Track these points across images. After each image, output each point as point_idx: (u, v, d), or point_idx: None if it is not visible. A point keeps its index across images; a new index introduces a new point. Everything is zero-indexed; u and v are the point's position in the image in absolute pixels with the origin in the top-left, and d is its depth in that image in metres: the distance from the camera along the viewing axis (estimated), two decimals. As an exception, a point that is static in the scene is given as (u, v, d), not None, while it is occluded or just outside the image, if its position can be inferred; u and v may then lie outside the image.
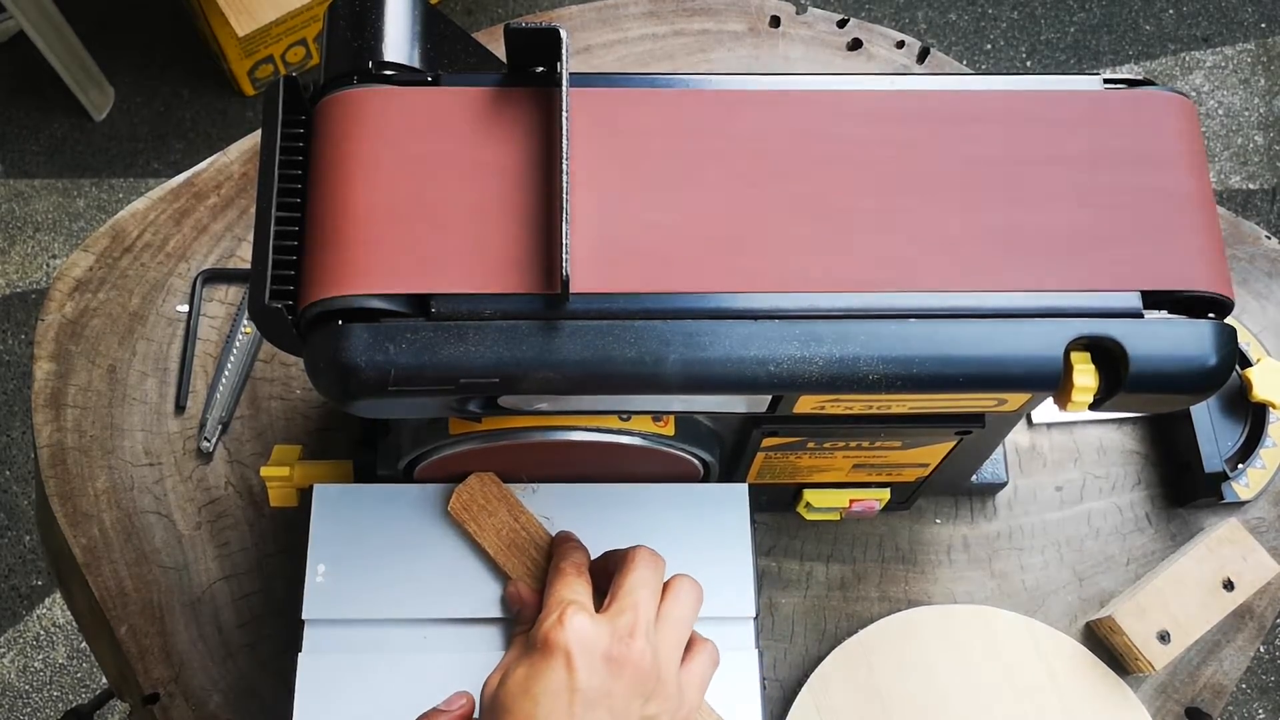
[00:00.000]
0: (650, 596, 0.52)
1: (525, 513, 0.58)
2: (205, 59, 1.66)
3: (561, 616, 0.49)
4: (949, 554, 0.71)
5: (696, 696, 0.53)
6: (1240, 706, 1.42)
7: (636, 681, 0.49)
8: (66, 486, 0.70)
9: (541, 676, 0.48)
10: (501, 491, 0.59)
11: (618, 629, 0.50)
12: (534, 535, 0.58)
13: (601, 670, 0.49)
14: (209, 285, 0.75)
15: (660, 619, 0.52)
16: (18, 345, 1.52)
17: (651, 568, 0.53)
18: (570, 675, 0.48)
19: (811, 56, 0.83)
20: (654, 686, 0.50)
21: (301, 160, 0.49)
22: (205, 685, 0.66)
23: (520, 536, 0.58)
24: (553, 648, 0.49)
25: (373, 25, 0.51)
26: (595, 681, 0.48)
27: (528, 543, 0.58)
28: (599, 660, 0.49)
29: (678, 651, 0.52)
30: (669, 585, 0.54)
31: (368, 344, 0.45)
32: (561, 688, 0.48)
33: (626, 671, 0.49)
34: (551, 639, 0.49)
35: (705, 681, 0.54)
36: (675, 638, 0.52)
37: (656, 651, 0.51)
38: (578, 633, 0.49)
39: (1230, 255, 0.78)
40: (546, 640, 0.49)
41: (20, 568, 1.42)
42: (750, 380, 0.46)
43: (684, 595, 0.53)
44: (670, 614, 0.53)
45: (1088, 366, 0.47)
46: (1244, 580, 0.67)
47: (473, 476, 0.59)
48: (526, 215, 0.47)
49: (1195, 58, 1.72)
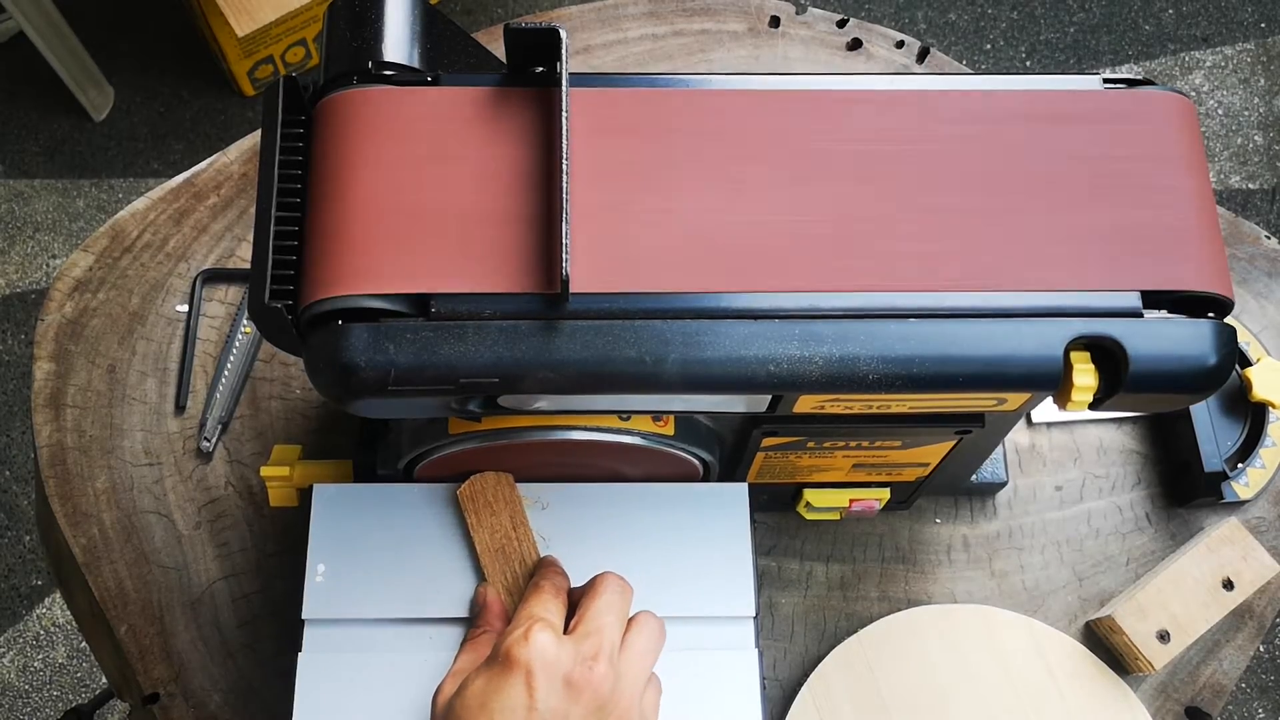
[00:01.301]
0: (616, 623, 0.52)
1: (525, 525, 0.58)
2: (205, 59, 1.66)
3: (528, 632, 0.49)
4: (949, 554, 0.71)
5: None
6: (1240, 706, 1.42)
7: (594, 707, 0.49)
8: (66, 486, 0.70)
9: (500, 692, 0.48)
10: (511, 495, 0.59)
11: (581, 652, 0.49)
12: (524, 549, 0.58)
13: (560, 692, 0.48)
14: (209, 285, 0.75)
15: (625, 647, 0.52)
16: (18, 345, 1.52)
17: (619, 594, 0.53)
18: (529, 695, 0.48)
19: (811, 56, 0.83)
20: (610, 712, 0.50)
21: (301, 160, 0.49)
22: (205, 685, 0.66)
23: (510, 545, 0.58)
24: (514, 664, 0.48)
25: (372, 25, 0.51)
26: (553, 703, 0.48)
27: (515, 555, 0.58)
28: (559, 682, 0.48)
29: (641, 681, 0.52)
30: (635, 619, 0.53)
31: (367, 344, 0.45)
32: (519, 705, 0.47)
33: (585, 696, 0.49)
34: (514, 654, 0.48)
35: (656, 712, 0.53)
36: (639, 669, 0.52)
37: (619, 678, 0.50)
38: (541, 651, 0.48)
39: (1230, 255, 0.78)
40: (509, 655, 0.49)
41: (20, 568, 1.42)
42: (750, 380, 0.46)
43: (649, 629, 0.53)
44: (635, 645, 0.52)
45: (1087, 366, 0.47)
46: (1244, 580, 0.67)
47: (491, 472, 0.59)
48: (526, 215, 0.47)
49: (1195, 58, 1.72)
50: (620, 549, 0.59)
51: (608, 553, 0.59)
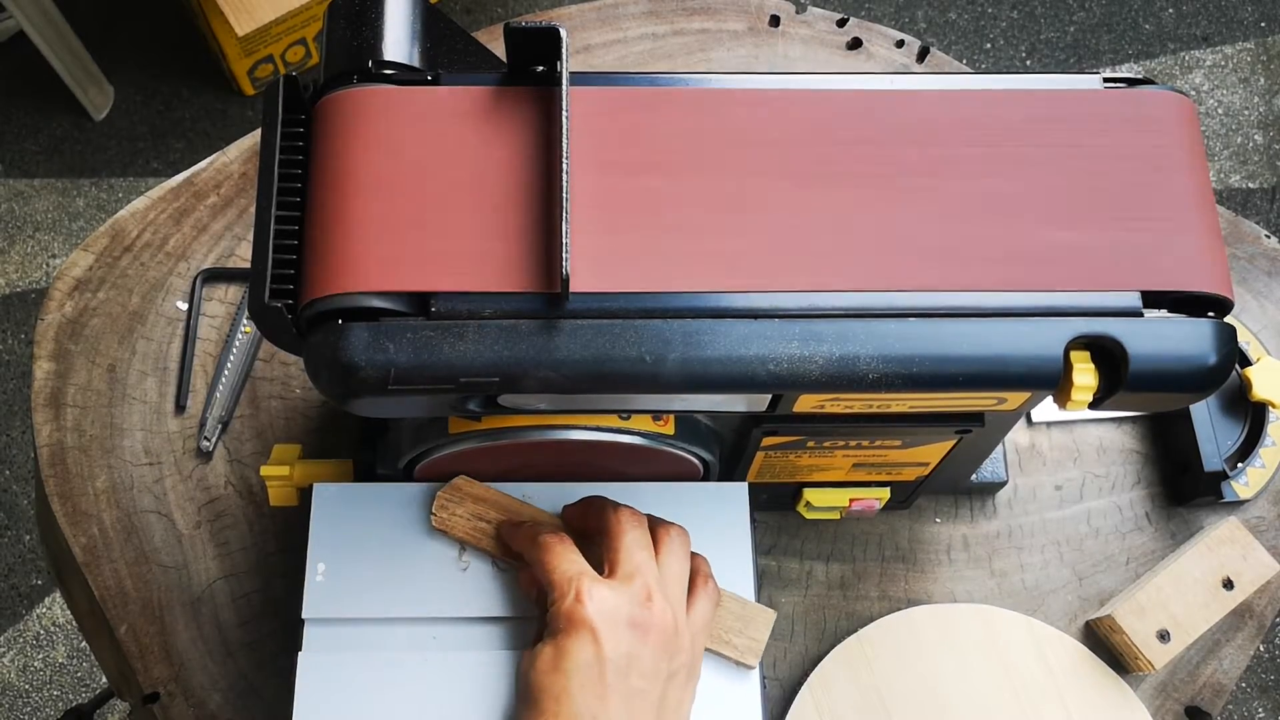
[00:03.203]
0: (649, 557, 0.53)
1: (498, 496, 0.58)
2: (205, 59, 1.66)
3: (579, 593, 0.50)
4: (949, 553, 0.71)
5: (705, 639, 0.55)
6: (1240, 705, 1.42)
7: (662, 642, 0.51)
8: (66, 486, 0.70)
9: (569, 653, 0.49)
10: (477, 492, 0.59)
11: (634, 594, 0.51)
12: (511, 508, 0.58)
13: (628, 637, 0.50)
14: (209, 284, 0.75)
15: (662, 571, 0.53)
16: (18, 345, 1.52)
17: (640, 526, 0.54)
18: (598, 647, 0.49)
19: (811, 56, 0.83)
20: (675, 642, 0.52)
21: (301, 159, 0.49)
22: (205, 685, 0.66)
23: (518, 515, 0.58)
24: (578, 623, 0.50)
25: (372, 25, 0.51)
26: (623, 648, 0.49)
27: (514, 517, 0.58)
28: (624, 628, 0.50)
29: (684, 603, 0.54)
30: (658, 540, 0.55)
31: (367, 343, 0.45)
32: (591, 660, 0.49)
33: (652, 634, 0.50)
34: (575, 616, 0.50)
35: (709, 622, 0.55)
36: (679, 590, 0.54)
37: (672, 605, 0.52)
38: (599, 605, 0.50)
39: (1230, 255, 0.78)
40: (570, 618, 0.50)
41: (20, 567, 1.42)
42: (750, 379, 0.46)
43: (676, 546, 0.55)
44: (669, 568, 0.54)
45: (1087, 365, 0.47)
46: (1244, 579, 0.67)
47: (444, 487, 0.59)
48: (526, 214, 0.47)
49: (1195, 57, 1.72)
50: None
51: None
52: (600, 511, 0.55)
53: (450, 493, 0.58)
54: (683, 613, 0.53)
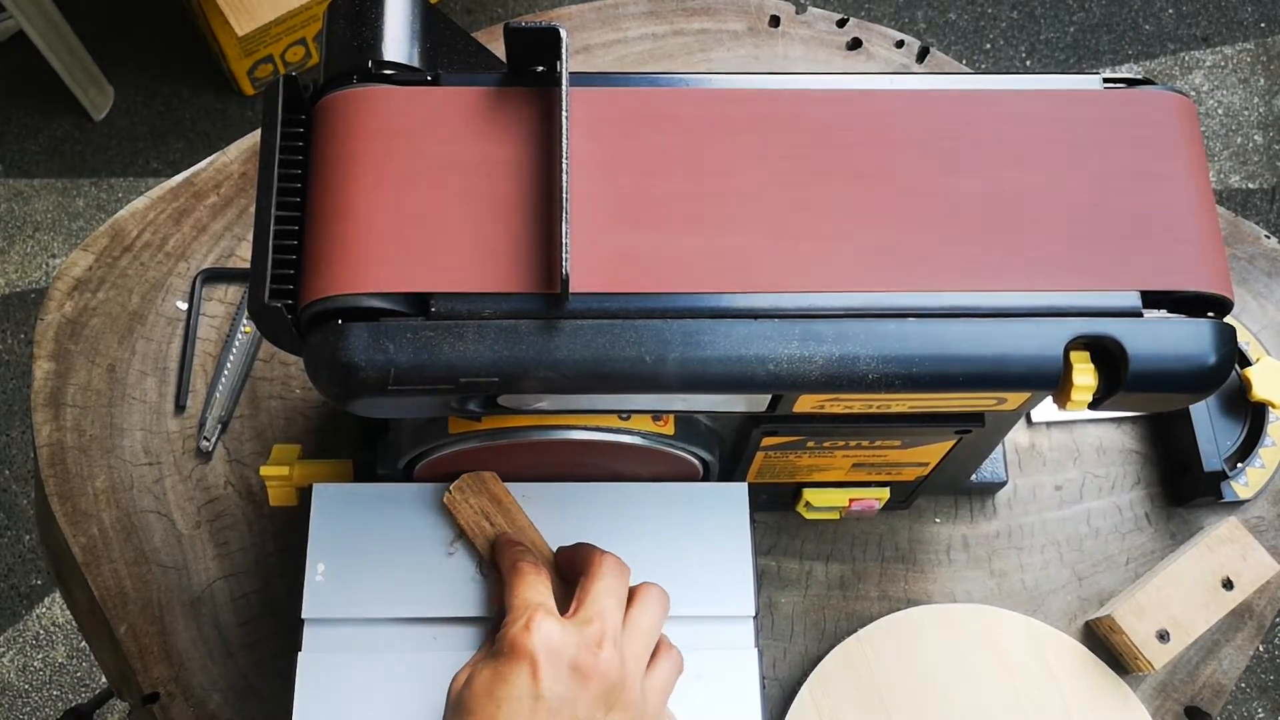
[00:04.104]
0: (617, 605, 0.52)
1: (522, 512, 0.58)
2: (205, 59, 1.66)
3: (530, 621, 0.49)
4: (948, 553, 0.71)
5: (658, 704, 0.53)
6: (1240, 706, 1.42)
7: (602, 691, 0.49)
8: (66, 486, 0.70)
9: (506, 681, 0.48)
10: (497, 489, 0.59)
11: (586, 637, 0.49)
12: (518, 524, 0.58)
13: (567, 679, 0.48)
14: (209, 285, 0.75)
15: (627, 627, 0.52)
16: (17, 345, 1.52)
17: (618, 575, 0.53)
18: (535, 683, 0.48)
19: (811, 56, 0.83)
20: (618, 696, 0.50)
21: (301, 160, 0.49)
22: (205, 685, 0.66)
23: (523, 536, 0.58)
24: (519, 653, 0.48)
25: (372, 25, 0.51)
26: (559, 689, 0.48)
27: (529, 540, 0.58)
28: (565, 668, 0.48)
29: (643, 661, 0.52)
30: (636, 593, 0.53)
31: (367, 343, 0.45)
32: (525, 694, 0.48)
33: (593, 681, 0.49)
34: (519, 643, 0.48)
35: (668, 689, 0.53)
36: (641, 646, 0.52)
37: (624, 661, 0.50)
38: (545, 639, 0.48)
39: (1230, 255, 0.78)
40: (514, 644, 0.49)
41: (20, 567, 1.42)
42: (750, 379, 0.46)
43: (651, 604, 0.53)
44: (637, 623, 0.52)
45: (1087, 366, 0.47)
46: (1243, 579, 0.67)
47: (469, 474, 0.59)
48: (526, 215, 0.47)
49: (1195, 57, 1.72)
50: (620, 549, 0.59)
51: (607, 552, 0.59)
52: (586, 556, 0.54)
53: (473, 481, 0.58)
54: (637, 668, 0.51)
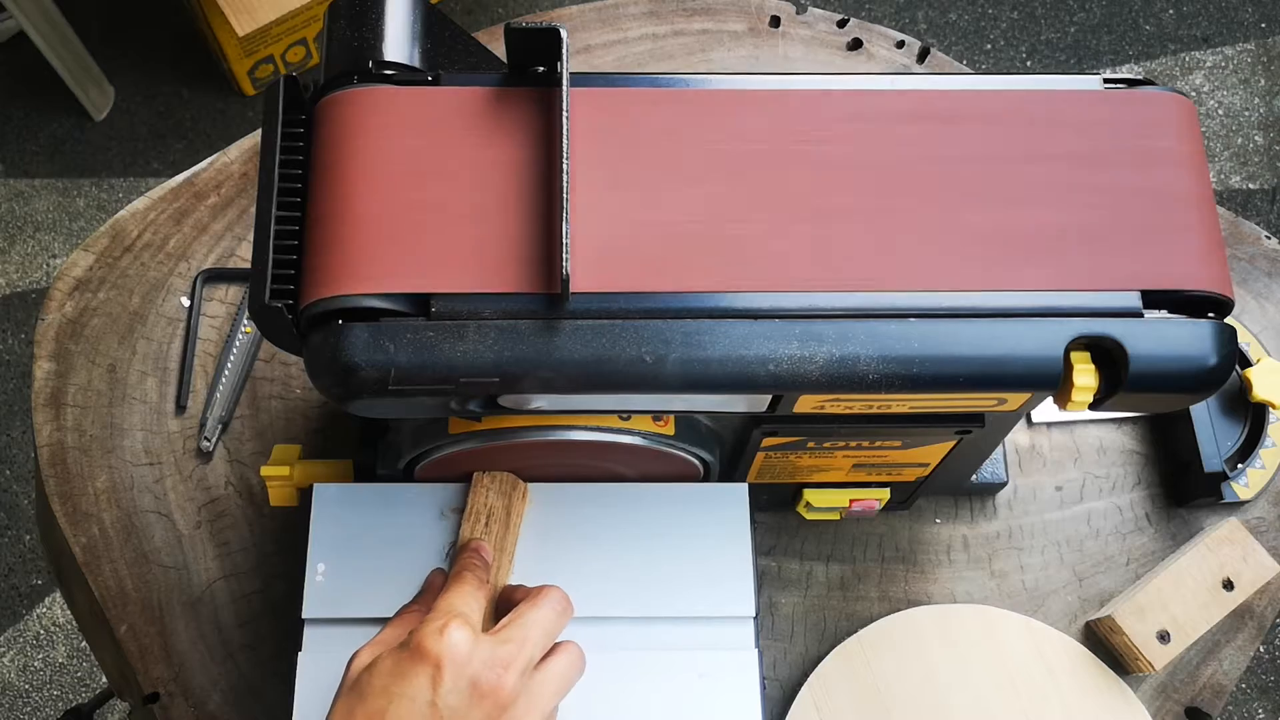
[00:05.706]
0: (541, 638, 0.51)
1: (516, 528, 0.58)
2: (205, 59, 1.66)
3: (444, 626, 0.48)
4: (949, 554, 0.71)
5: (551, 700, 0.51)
6: (1240, 706, 1.42)
7: (493, 717, 0.48)
8: (66, 486, 0.70)
9: (404, 679, 0.47)
10: (515, 497, 0.59)
11: (496, 657, 0.48)
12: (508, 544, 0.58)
13: (464, 692, 0.47)
14: (209, 285, 0.75)
15: (542, 667, 0.50)
16: (18, 345, 1.52)
17: (555, 611, 0.52)
18: (433, 689, 0.47)
19: (811, 56, 0.83)
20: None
21: (301, 160, 0.49)
22: (205, 685, 0.66)
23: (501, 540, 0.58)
24: (424, 655, 0.47)
25: (373, 25, 0.51)
26: (453, 701, 0.47)
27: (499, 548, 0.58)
28: (465, 682, 0.47)
29: (547, 707, 0.50)
30: (561, 644, 0.52)
31: (367, 343, 0.45)
32: (420, 697, 0.47)
33: (486, 702, 0.48)
34: (426, 646, 0.48)
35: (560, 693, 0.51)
36: (549, 691, 0.50)
37: (526, 694, 0.49)
38: (453, 648, 0.48)
39: (1230, 255, 0.78)
40: (421, 645, 0.48)
41: (20, 567, 1.42)
42: (750, 379, 0.46)
43: (571, 658, 0.52)
44: (552, 667, 0.51)
45: (1088, 366, 0.47)
46: (1244, 580, 0.67)
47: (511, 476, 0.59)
48: (526, 215, 0.47)
49: (1195, 58, 1.72)
50: (620, 549, 0.59)
51: (607, 553, 0.59)
52: (535, 589, 0.53)
53: (507, 484, 0.58)
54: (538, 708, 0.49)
